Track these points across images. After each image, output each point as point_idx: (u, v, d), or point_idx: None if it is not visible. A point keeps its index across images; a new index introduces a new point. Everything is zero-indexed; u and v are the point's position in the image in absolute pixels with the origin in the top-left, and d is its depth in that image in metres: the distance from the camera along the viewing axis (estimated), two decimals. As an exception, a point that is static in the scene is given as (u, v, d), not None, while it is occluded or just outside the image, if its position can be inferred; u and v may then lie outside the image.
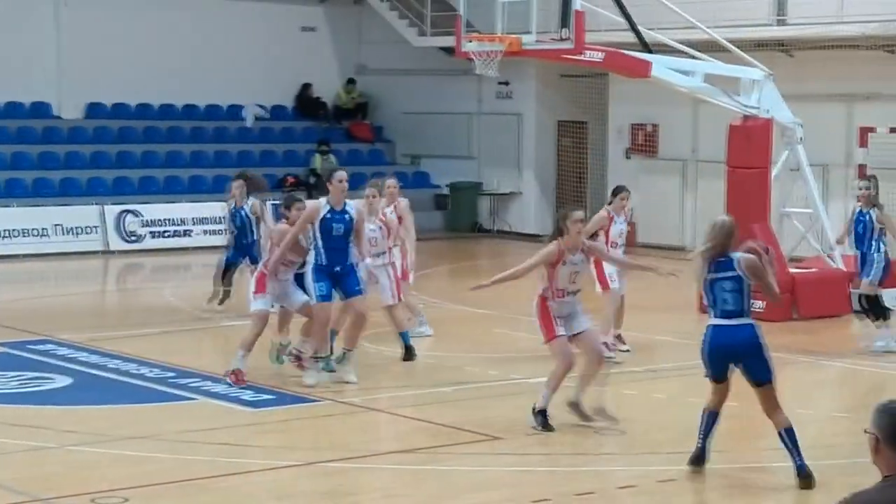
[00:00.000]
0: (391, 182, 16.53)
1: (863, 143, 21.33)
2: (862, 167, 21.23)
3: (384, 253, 14.82)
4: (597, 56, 17.47)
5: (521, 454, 11.00)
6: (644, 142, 27.69)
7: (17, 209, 25.62)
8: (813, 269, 19.08)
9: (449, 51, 26.17)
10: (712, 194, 23.53)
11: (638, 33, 18.38)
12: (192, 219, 26.67)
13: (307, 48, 31.72)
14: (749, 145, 18.47)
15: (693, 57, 18.93)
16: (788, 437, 9.94)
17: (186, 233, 26.56)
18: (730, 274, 9.96)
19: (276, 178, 29.62)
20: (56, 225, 25.47)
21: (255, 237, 17.87)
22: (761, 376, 10.00)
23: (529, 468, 10.65)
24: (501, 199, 30.33)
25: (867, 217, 15.82)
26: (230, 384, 13.21)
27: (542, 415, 11.53)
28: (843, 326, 18.07)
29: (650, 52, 18.34)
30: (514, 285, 12.12)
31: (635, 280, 16.23)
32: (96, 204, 26.14)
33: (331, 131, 31.59)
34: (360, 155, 31.70)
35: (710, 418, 10.25)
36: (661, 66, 18.01)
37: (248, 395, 12.98)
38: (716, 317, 10.05)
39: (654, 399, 12.69)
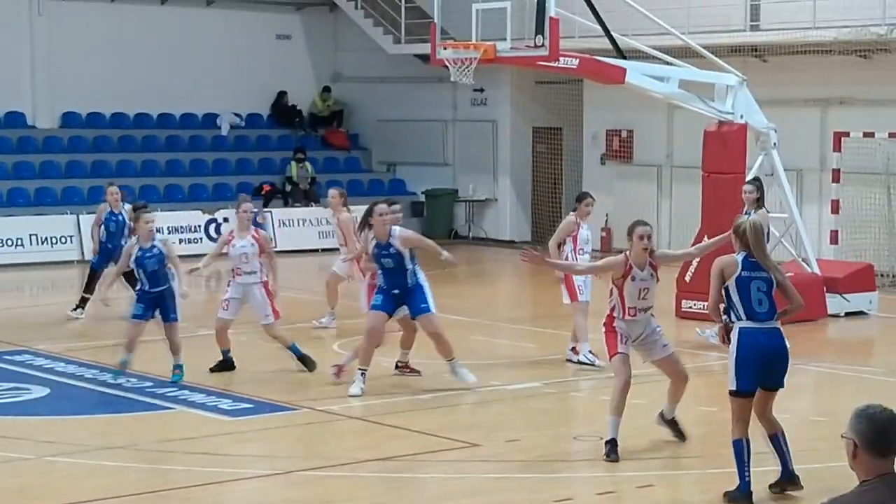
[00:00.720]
0: (333, 192, 16.84)
1: (837, 147, 21.42)
2: (836, 171, 21.34)
3: (256, 272, 14.32)
4: (572, 63, 17.49)
5: (500, 461, 11.01)
6: (619, 148, 27.75)
7: (-8, 219, 25.53)
8: (788, 274, 19.12)
9: (424, 58, 26.21)
10: (688, 200, 23.62)
11: (612, 39, 18.43)
12: (168, 227, 26.53)
13: (283, 56, 31.71)
14: (724, 150, 18.54)
15: (667, 63, 18.99)
16: (784, 440, 9.87)
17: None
18: (764, 274, 9.69)
19: (252, 187, 29.61)
20: (31, 235, 25.37)
21: (123, 243, 18.05)
22: (782, 381, 9.79)
23: (508, 475, 10.65)
24: (477, 205, 30.37)
25: None
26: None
27: (610, 444, 10.83)
28: (819, 330, 18.15)
29: (625, 58, 18.38)
30: (494, 294, 12.20)
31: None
32: (71, 213, 26.05)
33: (306, 139, 31.58)
34: (336, 163, 31.70)
35: (748, 447, 9.60)
36: (635, 72, 18.06)
37: (226, 404, 12.97)
38: (747, 319, 9.59)
39: (633, 405, 12.66)
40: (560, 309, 15.56)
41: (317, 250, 27.35)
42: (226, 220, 26.99)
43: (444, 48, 17.62)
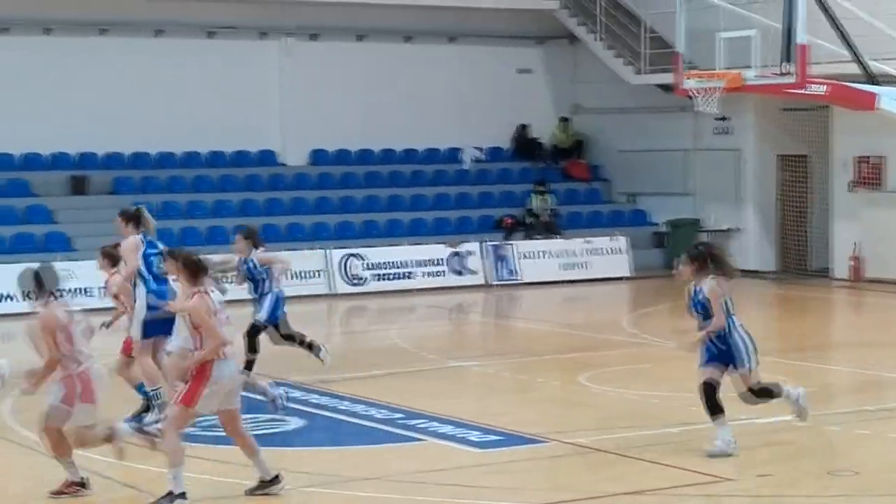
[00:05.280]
0: None
1: None
2: None
3: None
4: (820, 89, 17.19)
5: (754, 496, 10.85)
6: (869, 174, 27.09)
7: (246, 255, 26.33)
8: None
9: (666, 88, 26.07)
10: (943, 227, 22.89)
11: (863, 64, 18.02)
12: (414, 261, 27.06)
13: (523, 89, 31.97)
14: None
15: (920, 88, 18.48)
16: None
17: (408, 275, 26.95)
18: None
19: (494, 219, 29.89)
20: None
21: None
22: None
23: (761, 510, 10.48)
24: (720, 235, 29.93)
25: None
26: None
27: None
28: None
29: (875, 83, 17.96)
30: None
31: (866, 316, 15.83)
32: (321, 248, 26.75)
33: (547, 171, 31.72)
34: (577, 194, 31.74)
35: None
36: (887, 97, 17.62)
37: (475, 436, 13.11)
38: None
39: (890, 439, 12.34)
40: (809, 341, 15.26)
41: (559, 282, 27.43)
42: (470, 253, 27.35)
43: (689, 78, 17.51)
